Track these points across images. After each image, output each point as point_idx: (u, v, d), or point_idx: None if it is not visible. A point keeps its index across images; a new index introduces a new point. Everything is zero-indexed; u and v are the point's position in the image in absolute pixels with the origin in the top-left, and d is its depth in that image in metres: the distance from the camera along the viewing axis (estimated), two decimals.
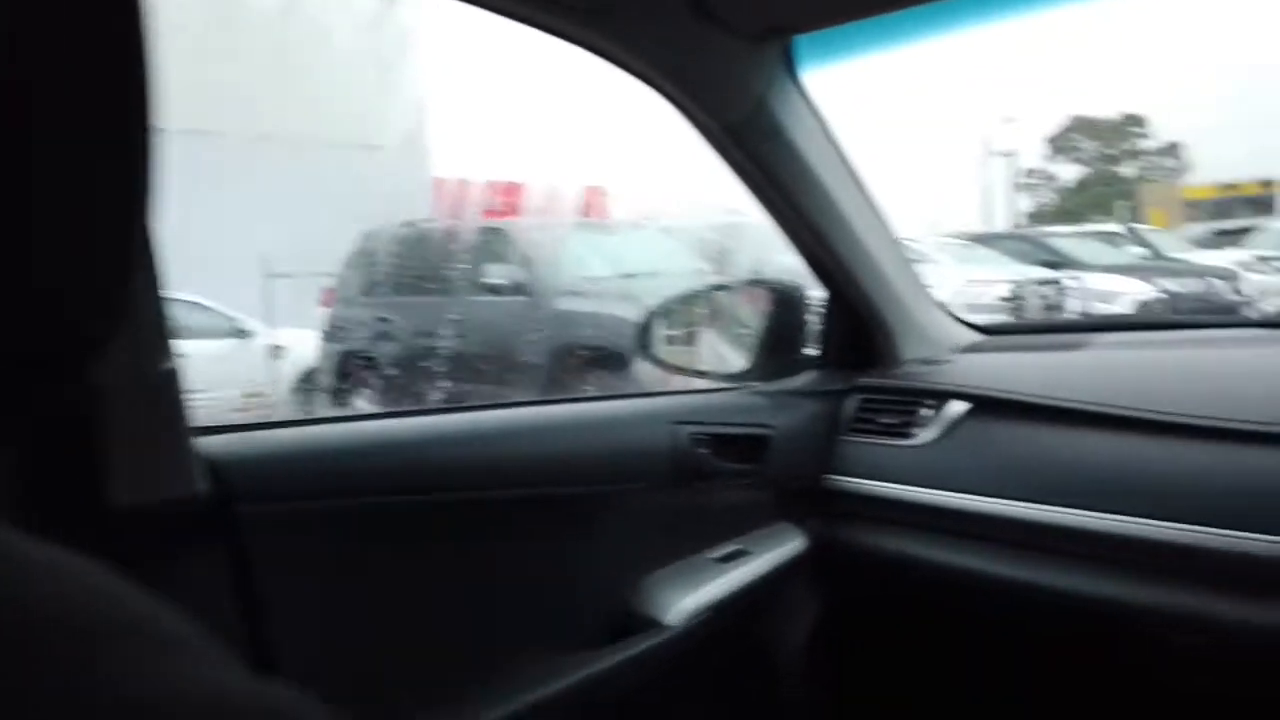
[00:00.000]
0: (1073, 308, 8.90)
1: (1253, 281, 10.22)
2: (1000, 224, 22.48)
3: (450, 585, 1.11)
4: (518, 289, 6.70)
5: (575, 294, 6.42)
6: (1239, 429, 1.13)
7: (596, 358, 5.80)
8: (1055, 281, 8.95)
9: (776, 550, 1.43)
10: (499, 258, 7.00)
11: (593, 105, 9.74)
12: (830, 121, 1.39)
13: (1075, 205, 27.62)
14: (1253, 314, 9.65)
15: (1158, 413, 1.21)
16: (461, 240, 7.44)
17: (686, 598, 1.26)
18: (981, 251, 10.91)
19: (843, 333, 1.61)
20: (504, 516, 1.15)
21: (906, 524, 1.41)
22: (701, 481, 1.37)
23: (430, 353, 6.09)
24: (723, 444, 1.39)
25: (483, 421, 1.21)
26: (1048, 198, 30.26)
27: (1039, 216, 27.75)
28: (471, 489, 1.12)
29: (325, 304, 7.53)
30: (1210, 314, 9.35)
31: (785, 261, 1.65)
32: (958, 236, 12.64)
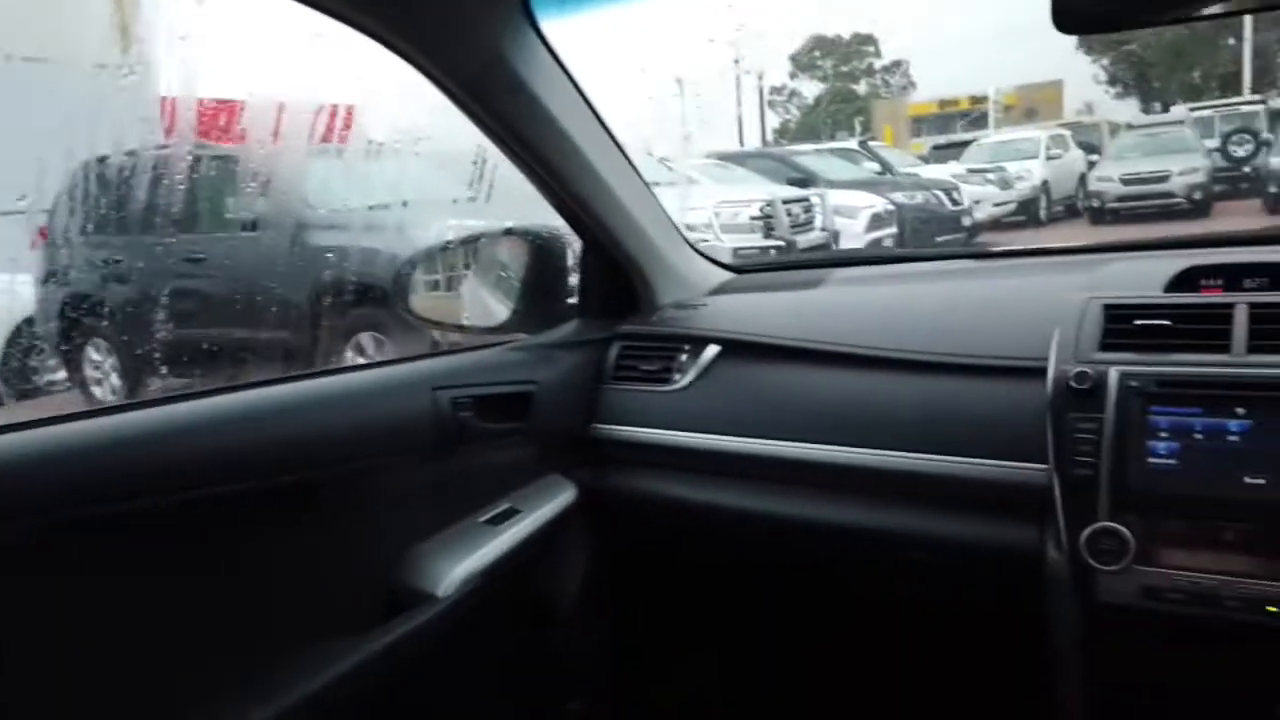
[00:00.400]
0: (818, 222, 9.49)
1: (968, 191, 11.33)
2: (754, 142, 23.44)
3: (210, 587, 1.04)
4: (263, 222, 6.22)
5: (326, 226, 6.06)
6: (959, 362, 1.25)
7: (355, 295, 5.53)
8: (803, 199, 9.47)
9: (547, 505, 1.44)
10: (239, 188, 6.45)
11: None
12: (573, 70, 1.36)
13: (817, 122, 29.32)
14: (967, 222, 10.82)
15: (889, 350, 1.32)
16: (196, 168, 6.78)
17: (457, 566, 1.25)
18: (738, 171, 11.33)
19: (600, 281, 1.63)
20: (258, 508, 1.08)
21: (669, 467, 1.47)
22: (466, 446, 1.35)
23: (171, 296, 5.55)
24: (486, 405, 1.37)
25: (224, 407, 1.12)
26: (793, 115, 31.92)
27: (786, 133, 29.26)
28: (217, 484, 1.04)
29: (38, 244, 6.65)
30: (935, 224, 10.38)
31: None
32: (712, 156, 13.05)
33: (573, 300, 1.66)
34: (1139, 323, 1.11)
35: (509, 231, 1.64)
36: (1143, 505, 1.02)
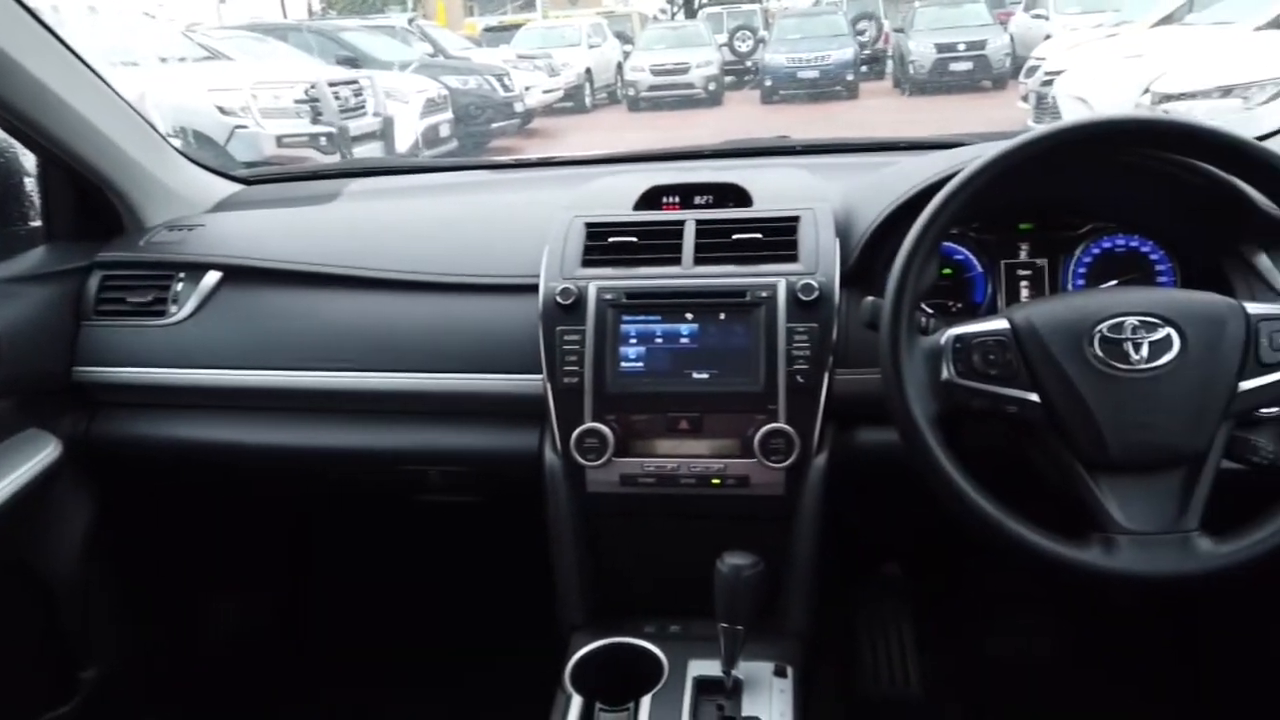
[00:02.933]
0: (370, 107, 9.08)
1: (520, 78, 11.54)
2: (296, 13, 21.50)
3: None
4: None
5: None
6: (463, 282, 1.29)
7: None
8: (353, 81, 8.96)
9: (27, 463, 1.26)
10: None
11: None
12: None
13: None
14: (520, 108, 11.09)
15: (397, 271, 1.31)
16: None
17: None
18: (276, 45, 10.36)
19: (68, 200, 1.42)
20: None
21: (169, 407, 1.36)
22: None
23: None
24: None
25: None
26: None
27: (334, 3, 27.21)
28: None
29: None
30: (490, 110, 10.47)
31: None
32: (248, 27, 11.78)
33: (35, 224, 1.43)
34: (612, 240, 1.23)
35: None
36: (618, 406, 1.16)
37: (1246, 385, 0.92)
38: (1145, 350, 0.93)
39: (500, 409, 1.25)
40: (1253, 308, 0.94)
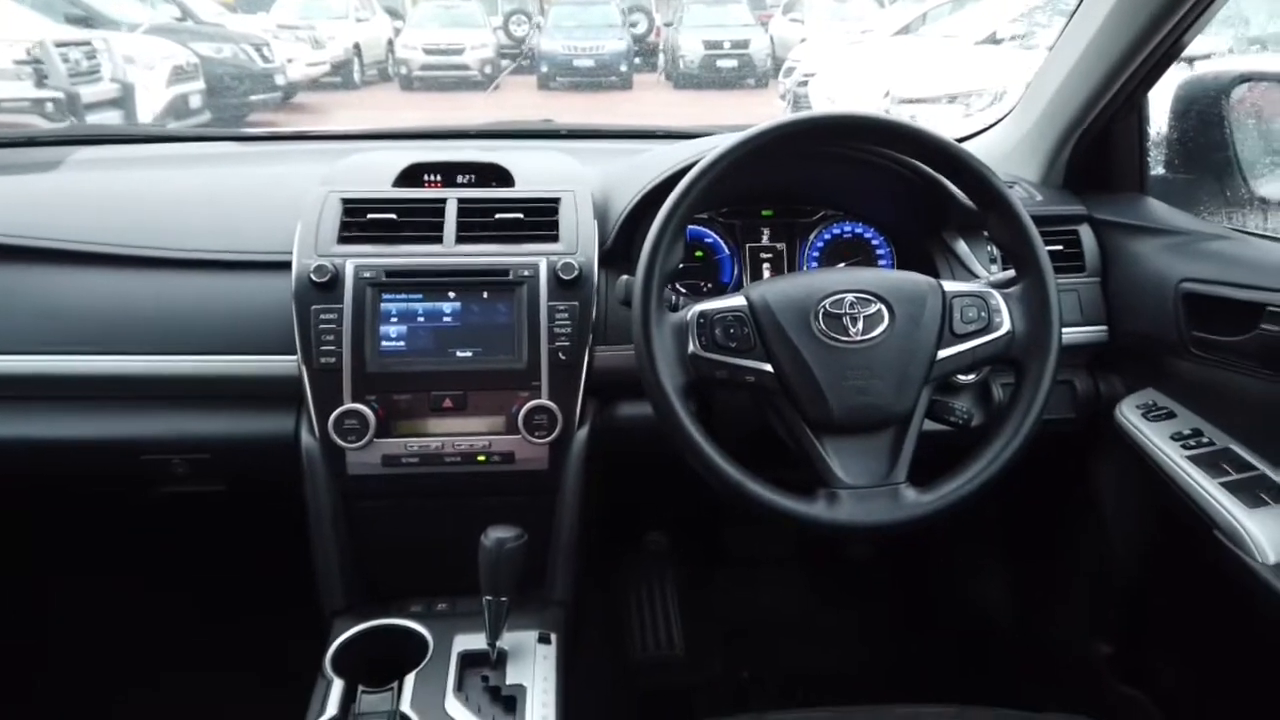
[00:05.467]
0: (106, 73, 8.26)
1: (280, 49, 10.87)
2: None
3: None
4: None
5: None
6: (211, 258, 1.22)
7: None
8: (85, 43, 8.09)
9: None
10: None
11: None
12: None
13: None
14: (282, 81, 10.44)
15: (138, 247, 1.23)
16: None
17: None
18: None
19: None
20: None
21: None
22: None
23: None
24: None
25: None
26: None
27: None
28: None
29: None
30: (248, 82, 9.79)
31: None
32: None
33: None
34: (371, 216, 1.22)
35: None
36: (379, 386, 1.15)
37: (943, 354, 1.05)
38: (861, 324, 1.04)
39: (250, 391, 1.21)
40: (948, 285, 1.08)
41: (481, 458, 1.18)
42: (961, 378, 1.24)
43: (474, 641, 1.10)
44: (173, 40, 9.43)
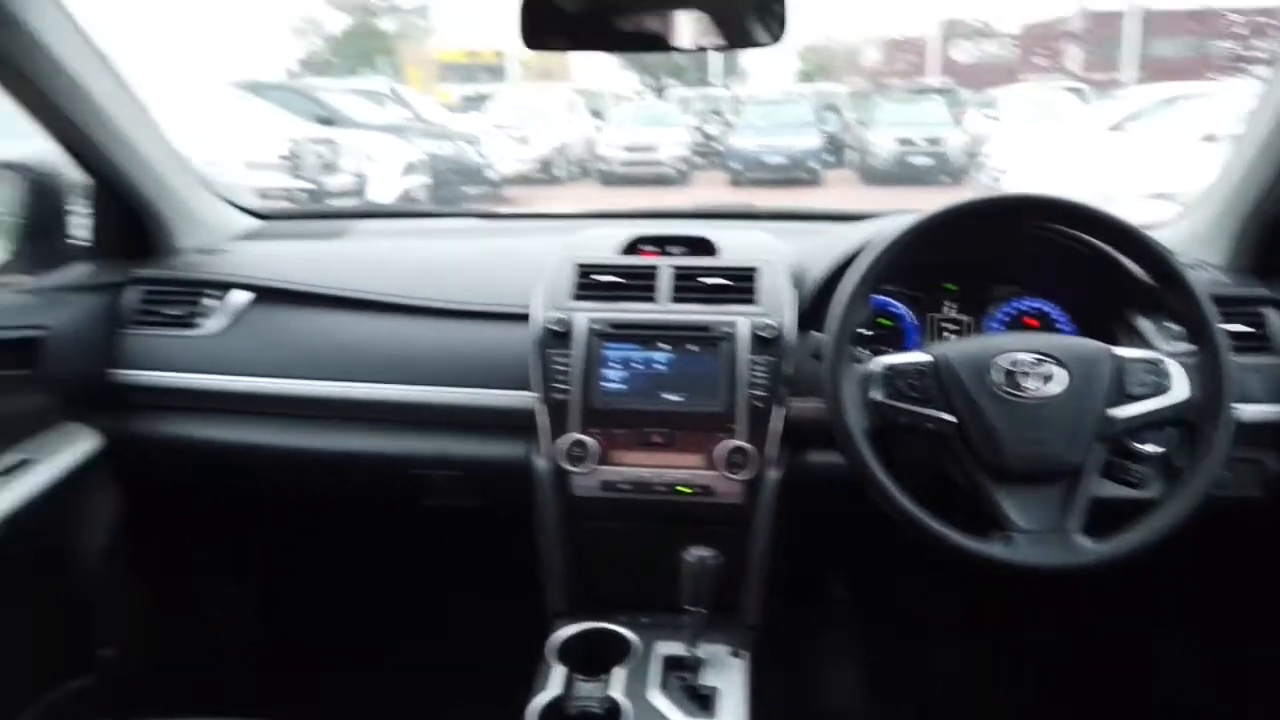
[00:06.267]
0: (347, 166, 9.32)
1: (493, 146, 11.87)
2: (275, 73, 21.89)
3: None
4: None
5: None
6: (465, 309, 1.48)
7: None
8: (331, 141, 9.20)
9: (66, 453, 1.41)
10: None
11: None
12: (78, 17, 1.32)
13: (342, 57, 28.17)
14: (494, 175, 11.40)
15: (407, 298, 1.50)
16: None
17: None
18: (256, 102, 10.59)
19: (111, 222, 1.59)
20: None
21: (200, 410, 1.51)
22: None
23: None
24: None
25: None
26: (317, 46, 30.25)
27: (311, 65, 27.68)
28: None
29: None
30: (464, 175, 10.75)
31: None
32: (233, 84, 12.00)
33: (80, 242, 1.59)
34: (598, 278, 1.43)
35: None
36: (601, 420, 1.34)
37: (1115, 412, 1.13)
38: (1036, 382, 1.14)
39: (492, 420, 1.43)
40: (1120, 351, 1.16)
41: (684, 489, 1.34)
42: (1143, 446, 1.29)
43: (674, 649, 1.25)
44: (403, 138, 10.53)
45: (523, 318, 1.41)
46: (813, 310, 1.40)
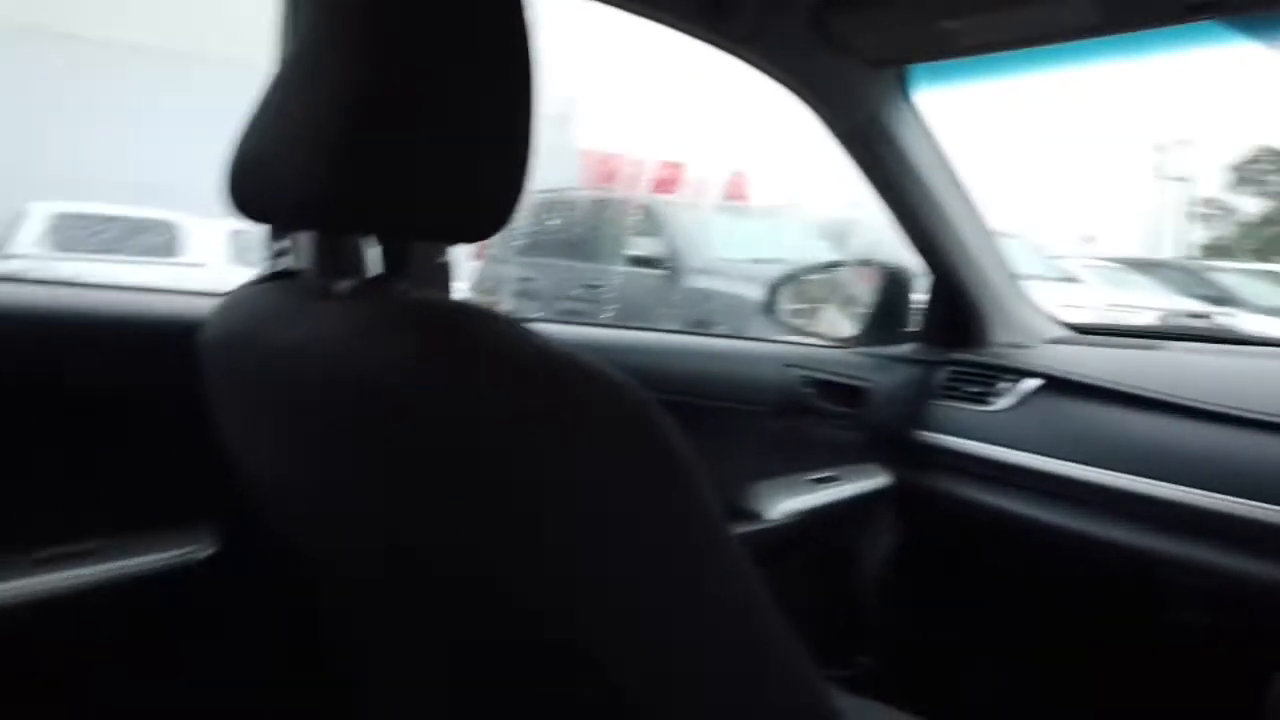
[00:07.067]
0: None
1: None
2: (1168, 252, 21.34)
3: None
4: (657, 262, 7.02)
5: (710, 273, 6.69)
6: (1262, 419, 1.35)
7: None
8: (1205, 316, 8.61)
9: (864, 480, 1.73)
10: (644, 231, 7.35)
11: (734, 93, 9.97)
12: (937, 134, 1.69)
13: (1257, 241, 25.82)
14: None
15: (1198, 401, 1.44)
16: (610, 211, 7.84)
17: (784, 502, 1.59)
18: (1135, 277, 10.54)
19: (942, 313, 1.88)
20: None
21: (978, 475, 1.68)
22: (805, 417, 1.68)
23: (566, 313, 6.50)
24: (826, 388, 1.70)
25: (642, 340, 1.58)
26: (1225, 230, 28.35)
27: (1214, 250, 26.09)
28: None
29: (478, 257, 8.03)
30: None
31: (893, 252, 1.93)
32: (1113, 260, 12.17)
33: (913, 327, 1.93)
34: None
35: (864, 261, 1.95)
36: None
37: None
38: None
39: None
40: None
41: None
42: None
43: None
44: None
45: None
46: None
